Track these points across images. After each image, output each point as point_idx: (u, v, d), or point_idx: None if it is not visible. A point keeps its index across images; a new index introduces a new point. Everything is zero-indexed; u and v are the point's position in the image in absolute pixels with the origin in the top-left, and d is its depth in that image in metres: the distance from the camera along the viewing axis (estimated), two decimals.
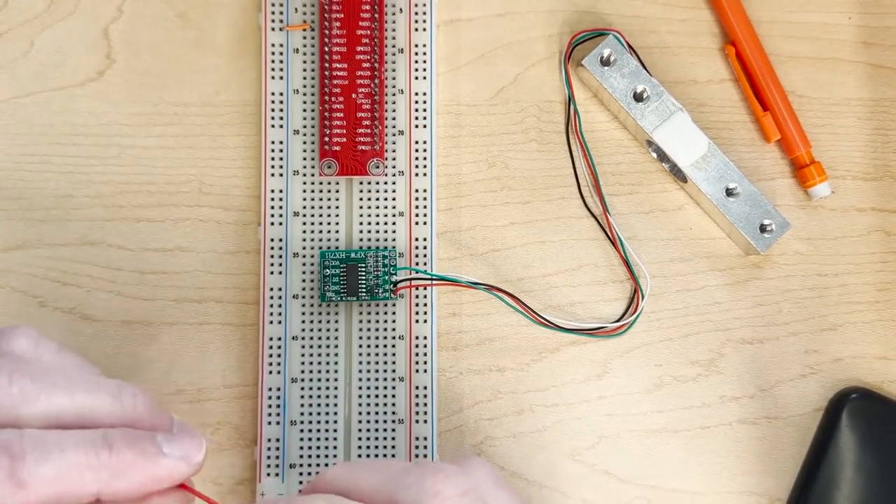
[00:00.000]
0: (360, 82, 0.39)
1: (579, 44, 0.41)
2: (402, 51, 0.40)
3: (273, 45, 0.40)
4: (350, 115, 0.39)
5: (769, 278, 0.41)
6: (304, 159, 0.39)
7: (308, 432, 0.38)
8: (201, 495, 0.29)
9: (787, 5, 0.42)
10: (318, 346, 0.38)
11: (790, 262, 0.41)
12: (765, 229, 0.39)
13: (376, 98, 0.39)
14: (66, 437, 0.26)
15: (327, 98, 0.39)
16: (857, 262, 0.41)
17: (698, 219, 0.41)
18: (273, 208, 0.39)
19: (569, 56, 0.41)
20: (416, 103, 0.40)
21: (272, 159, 0.39)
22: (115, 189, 0.40)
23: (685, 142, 0.39)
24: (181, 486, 0.29)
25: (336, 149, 0.39)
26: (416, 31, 0.40)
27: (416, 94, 0.40)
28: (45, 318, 0.39)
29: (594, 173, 0.41)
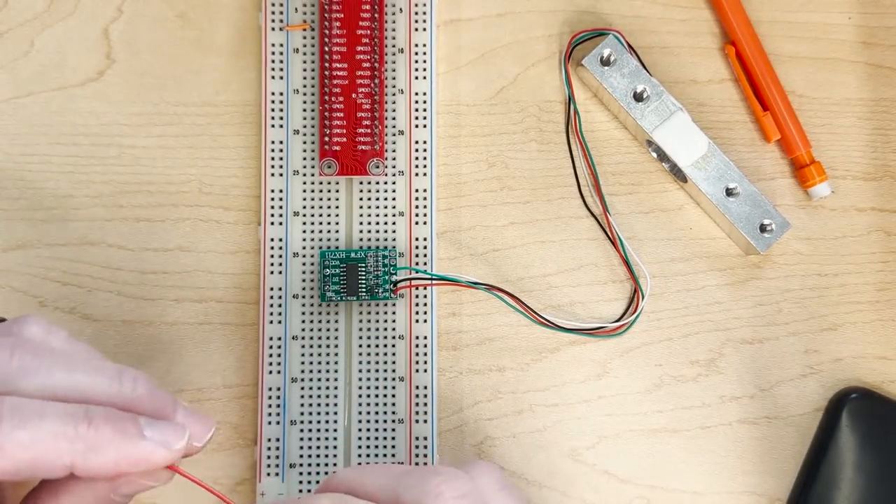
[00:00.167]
0: (360, 82, 0.39)
1: (579, 44, 0.41)
2: (402, 51, 0.40)
3: (273, 45, 0.40)
4: (350, 115, 0.39)
5: (769, 278, 0.41)
6: (304, 159, 0.39)
7: (308, 432, 0.38)
8: (190, 477, 0.30)
9: (787, 5, 0.42)
10: (318, 346, 0.38)
11: (790, 262, 0.41)
12: (765, 229, 0.39)
13: (376, 98, 0.39)
14: (48, 407, 0.27)
15: (327, 98, 0.39)
16: (857, 262, 0.41)
17: (698, 219, 0.41)
18: (273, 208, 0.39)
19: (569, 56, 0.41)
20: (416, 103, 0.40)
21: (272, 159, 0.39)
22: (115, 189, 0.40)
23: (685, 142, 0.39)
24: (168, 467, 0.29)
25: (336, 149, 0.39)
26: (416, 31, 0.40)
27: (416, 94, 0.40)
28: None
29: (594, 173, 0.41)
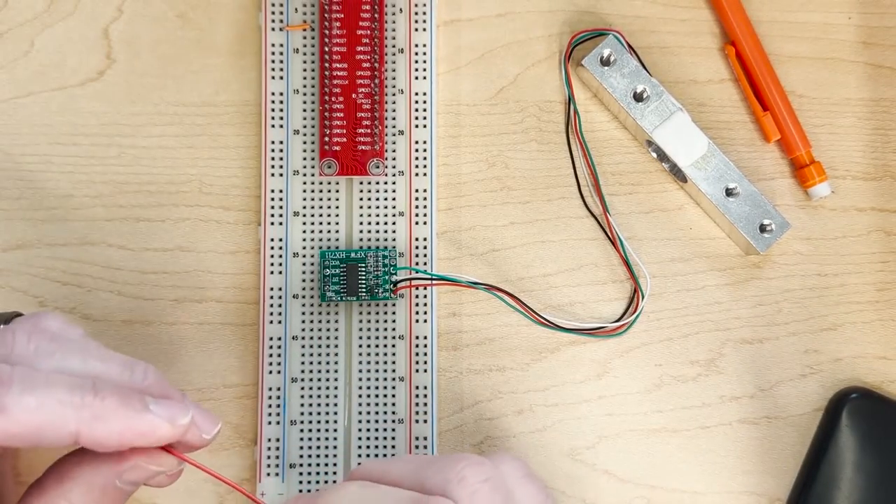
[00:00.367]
0: (360, 82, 0.39)
1: (579, 44, 0.41)
2: (402, 51, 0.40)
3: (273, 45, 0.40)
4: (350, 115, 0.39)
5: (769, 278, 0.41)
6: (304, 159, 0.39)
7: (308, 432, 0.38)
8: (189, 460, 0.30)
9: (787, 5, 0.42)
10: (318, 346, 0.38)
11: (790, 262, 0.41)
12: (765, 229, 0.39)
13: (376, 98, 0.39)
14: (57, 377, 0.28)
15: (327, 98, 0.39)
16: (857, 262, 0.41)
17: (698, 219, 0.41)
18: (273, 208, 0.39)
19: (569, 56, 0.41)
20: (416, 103, 0.40)
21: (272, 159, 0.39)
22: (115, 189, 0.40)
23: (685, 142, 0.39)
24: (167, 451, 0.29)
25: (336, 149, 0.39)
26: (416, 31, 0.40)
27: (416, 94, 0.40)
28: None
29: (594, 173, 0.41)
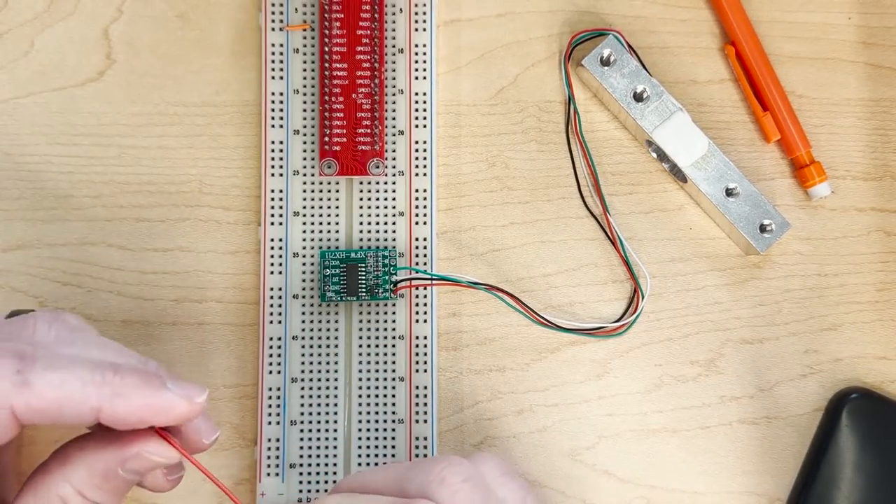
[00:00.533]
0: (360, 82, 0.39)
1: (579, 44, 0.41)
2: (402, 51, 0.40)
3: (273, 45, 0.40)
4: (350, 115, 0.39)
5: (769, 278, 0.41)
6: (304, 159, 0.39)
7: (308, 432, 0.38)
8: (186, 454, 0.30)
9: (787, 5, 0.42)
10: (318, 346, 0.38)
11: (790, 262, 0.41)
12: (765, 229, 0.39)
13: (376, 98, 0.39)
14: (78, 358, 0.28)
15: (327, 98, 0.39)
16: (857, 262, 0.41)
17: (698, 219, 0.41)
18: (273, 208, 0.39)
19: (569, 56, 0.41)
20: (416, 103, 0.40)
21: (272, 159, 0.39)
22: (115, 189, 0.40)
23: (685, 142, 0.39)
24: (169, 442, 0.30)
25: (336, 149, 0.39)
26: (416, 31, 0.40)
27: (416, 94, 0.40)
28: None
29: (594, 173, 0.41)
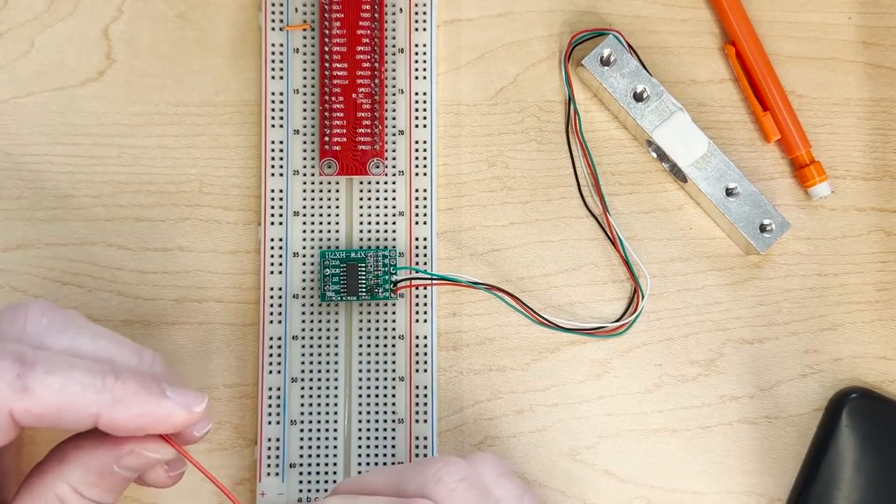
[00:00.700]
0: (360, 82, 0.39)
1: (579, 44, 0.41)
2: (402, 51, 0.40)
3: (273, 45, 0.40)
4: (350, 114, 0.39)
5: (769, 278, 0.41)
6: (304, 159, 0.39)
7: (308, 432, 0.38)
8: (184, 452, 0.30)
9: (787, 5, 0.42)
10: (318, 346, 0.38)
11: (790, 262, 0.41)
12: (765, 229, 0.39)
13: (376, 98, 0.39)
14: (78, 361, 0.28)
15: (327, 98, 0.39)
16: (857, 262, 0.41)
17: (698, 219, 0.41)
18: (273, 208, 0.39)
19: (569, 56, 0.41)
20: (416, 103, 0.40)
21: (272, 159, 0.39)
22: (115, 189, 0.40)
23: (685, 142, 0.39)
24: (166, 440, 0.30)
25: (336, 148, 0.39)
26: (416, 31, 0.40)
27: (416, 94, 0.40)
28: None
29: (594, 173, 0.41)
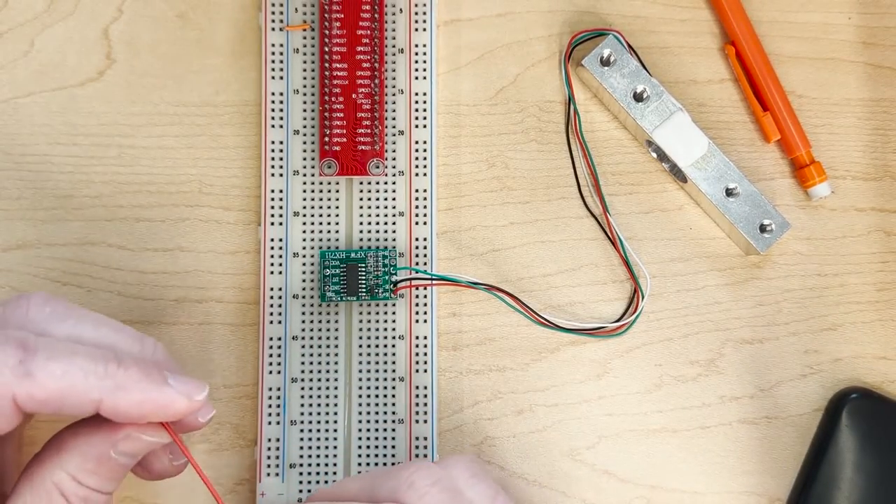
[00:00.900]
0: (360, 82, 0.39)
1: (579, 44, 0.41)
2: (402, 51, 0.40)
3: (273, 45, 0.40)
4: (350, 115, 0.39)
5: (769, 278, 0.41)
6: (304, 159, 0.39)
7: (308, 432, 0.38)
8: (179, 441, 0.31)
9: (787, 5, 0.42)
10: (318, 346, 0.38)
11: (790, 262, 0.41)
12: (765, 229, 0.39)
13: (376, 98, 0.39)
14: (80, 347, 0.28)
15: (327, 98, 0.39)
16: (857, 262, 0.41)
17: (698, 219, 0.41)
18: (273, 208, 0.39)
19: (569, 56, 0.41)
20: (416, 103, 0.40)
21: (272, 159, 0.39)
22: (115, 189, 0.40)
23: (685, 142, 0.39)
24: (165, 428, 0.30)
25: (336, 149, 0.39)
26: (416, 31, 0.40)
27: (416, 94, 0.40)
28: None
29: (594, 173, 0.41)
